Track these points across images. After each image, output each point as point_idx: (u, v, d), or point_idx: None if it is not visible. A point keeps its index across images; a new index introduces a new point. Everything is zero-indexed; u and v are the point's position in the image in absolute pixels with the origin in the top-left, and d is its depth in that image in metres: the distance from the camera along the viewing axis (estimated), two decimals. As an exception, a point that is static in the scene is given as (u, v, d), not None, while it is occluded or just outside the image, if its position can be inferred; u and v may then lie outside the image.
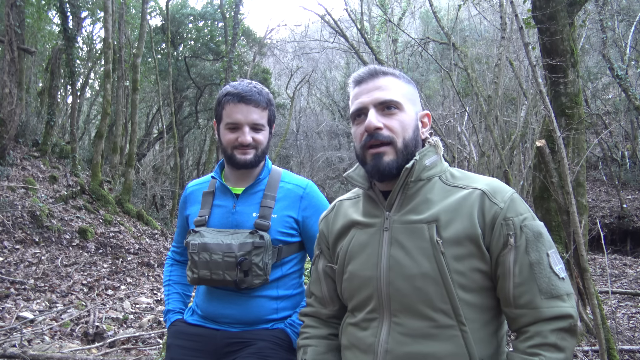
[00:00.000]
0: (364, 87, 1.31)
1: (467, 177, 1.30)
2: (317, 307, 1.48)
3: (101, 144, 11.50)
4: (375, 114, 1.27)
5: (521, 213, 1.20)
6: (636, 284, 7.60)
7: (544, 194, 4.34)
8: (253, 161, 1.72)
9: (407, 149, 1.27)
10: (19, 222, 7.44)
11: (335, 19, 12.04)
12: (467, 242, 1.18)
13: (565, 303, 1.14)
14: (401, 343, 1.21)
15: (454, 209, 1.22)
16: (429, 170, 1.28)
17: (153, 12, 18.02)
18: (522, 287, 1.15)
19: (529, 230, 1.18)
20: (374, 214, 1.32)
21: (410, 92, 1.34)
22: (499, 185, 1.25)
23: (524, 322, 1.16)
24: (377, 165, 1.26)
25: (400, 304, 1.22)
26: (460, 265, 1.18)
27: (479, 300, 1.20)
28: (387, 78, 1.31)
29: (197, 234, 1.67)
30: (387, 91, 1.28)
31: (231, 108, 1.70)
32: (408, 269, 1.21)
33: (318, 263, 1.48)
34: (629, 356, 3.96)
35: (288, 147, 21.44)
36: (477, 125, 8.79)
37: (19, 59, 9.20)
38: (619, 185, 12.77)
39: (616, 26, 11.45)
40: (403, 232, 1.24)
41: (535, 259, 1.16)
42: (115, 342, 4.31)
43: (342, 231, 1.39)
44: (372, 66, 1.35)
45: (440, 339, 1.18)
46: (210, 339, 1.69)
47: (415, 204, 1.26)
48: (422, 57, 16.02)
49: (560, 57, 4.00)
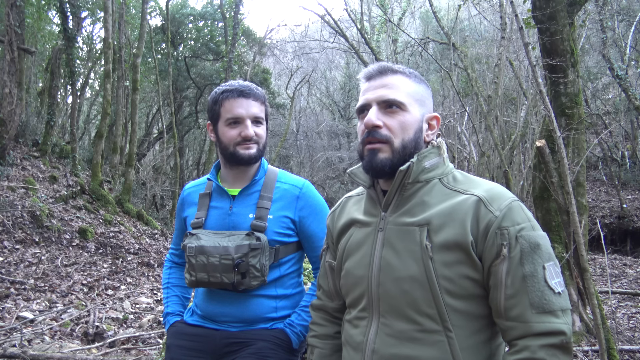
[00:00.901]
0: (372, 84, 1.30)
1: (469, 181, 1.27)
2: (325, 300, 1.50)
3: (101, 144, 11.50)
4: (377, 112, 1.26)
5: (518, 222, 1.15)
6: (636, 284, 7.60)
7: (544, 194, 4.34)
8: (257, 156, 1.72)
9: (405, 149, 1.25)
10: (19, 222, 7.44)
11: (335, 19, 12.05)
12: (457, 248, 1.16)
13: (558, 319, 1.10)
14: (388, 344, 1.21)
15: (447, 213, 1.19)
16: (428, 172, 1.26)
17: (153, 12, 18.02)
18: (513, 300, 1.12)
19: (525, 241, 1.13)
20: (372, 213, 1.33)
21: (419, 93, 1.30)
22: (499, 191, 1.21)
23: (513, 335, 1.13)
24: (371, 160, 1.25)
25: (389, 306, 1.22)
26: (448, 271, 1.16)
27: (467, 307, 1.17)
28: (396, 76, 1.28)
29: (194, 236, 1.67)
30: (392, 90, 1.26)
31: (231, 103, 1.70)
32: (397, 271, 1.21)
33: (325, 257, 1.50)
34: (629, 356, 3.96)
35: (288, 147, 21.44)
36: (477, 125, 8.79)
37: (19, 59, 9.20)
38: (619, 185, 12.77)
39: (616, 26, 11.45)
40: (395, 234, 1.24)
41: (529, 272, 1.11)
42: (115, 342, 4.31)
43: (344, 228, 1.40)
44: (384, 63, 1.32)
45: (426, 343, 1.17)
46: (209, 339, 1.69)
47: (411, 206, 1.25)
48: (422, 57, 16.00)
49: (560, 57, 4.00)
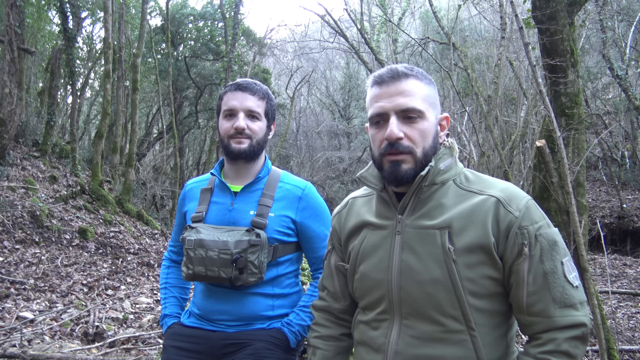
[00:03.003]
0: (385, 90, 1.26)
1: (482, 180, 1.28)
2: (330, 301, 1.49)
3: (101, 144, 11.50)
4: (397, 123, 1.23)
5: (536, 221, 1.18)
6: (636, 284, 7.60)
7: (544, 194, 4.34)
8: (247, 151, 1.72)
9: (427, 157, 1.25)
10: (19, 222, 7.44)
11: (335, 19, 12.04)
12: (480, 250, 1.18)
13: (579, 312, 1.14)
14: (411, 345, 1.22)
15: (467, 215, 1.20)
16: (443, 174, 1.27)
17: (153, 12, 18.01)
18: (536, 296, 1.15)
19: (544, 239, 1.17)
20: (386, 216, 1.32)
21: (432, 96, 1.30)
22: (514, 191, 1.23)
23: (537, 329, 1.16)
24: (394, 172, 1.24)
25: (411, 308, 1.23)
26: (471, 272, 1.18)
27: (489, 305, 1.20)
28: (410, 81, 1.26)
29: (194, 230, 1.68)
30: (409, 97, 1.24)
31: (228, 97, 1.74)
32: (419, 274, 1.21)
33: (330, 258, 1.49)
34: (629, 356, 3.96)
35: (288, 147, 21.44)
36: (477, 125, 8.79)
37: (19, 59, 9.20)
38: (619, 185, 12.77)
39: (616, 26, 11.44)
40: (415, 237, 1.24)
41: (550, 268, 1.15)
42: (115, 342, 4.31)
43: (354, 230, 1.39)
44: (395, 66, 1.29)
45: (450, 343, 1.18)
46: (206, 340, 1.69)
47: (428, 209, 1.25)
48: (422, 57, 16.00)
49: (560, 57, 4.00)
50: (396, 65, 1.30)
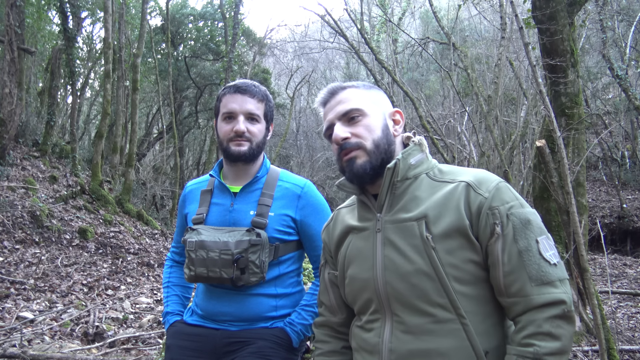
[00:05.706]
0: (328, 106, 1.39)
1: (455, 171, 1.31)
2: (328, 316, 1.50)
3: (101, 144, 11.50)
4: (341, 126, 1.33)
5: (507, 201, 1.20)
6: (636, 284, 7.60)
7: (544, 194, 4.34)
8: (247, 154, 1.72)
9: (379, 148, 1.31)
10: (19, 222, 7.44)
11: (335, 19, 12.03)
12: (457, 234, 1.19)
13: (557, 289, 1.13)
14: (403, 341, 1.22)
15: (441, 203, 1.23)
16: (415, 168, 1.31)
17: (153, 12, 18.02)
18: (512, 276, 1.15)
19: (516, 217, 1.17)
20: (367, 218, 1.35)
21: (372, 96, 1.38)
22: (485, 175, 1.26)
23: (516, 310, 1.15)
24: (351, 169, 1.31)
25: (399, 302, 1.24)
26: (452, 258, 1.19)
27: (475, 291, 1.20)
28: (346, 91, 1.38)
29: (195, 231, 1.68)
30: (347, 103, 1.35)
31: (227, 99, 1.74)
32: (402, 266, 1.23)
33: (324, 272, 1.51)
34: (629, 356, 3.96)
35: (288, 147, 21.44)
36: (477, 125, 8.79)
37: (19, 59, 9.20)
38: (619, 185, 12.77)
39: (616, 26, 11.44)
40: (394, 231, 1.27)
41: (524, 247, 1.15)
42: (115, 342, 4.31)
43: (341, 238, 1.42)
44: (332, 85, 1.42)
45: (442, 334, 1.18)
46: (209, 338, 1.69)
47: (404, 203, 1.28)
48: (422, 57, 16.02)
49: (560, 57, 4.00)
50: (332, 84, 1.44)
